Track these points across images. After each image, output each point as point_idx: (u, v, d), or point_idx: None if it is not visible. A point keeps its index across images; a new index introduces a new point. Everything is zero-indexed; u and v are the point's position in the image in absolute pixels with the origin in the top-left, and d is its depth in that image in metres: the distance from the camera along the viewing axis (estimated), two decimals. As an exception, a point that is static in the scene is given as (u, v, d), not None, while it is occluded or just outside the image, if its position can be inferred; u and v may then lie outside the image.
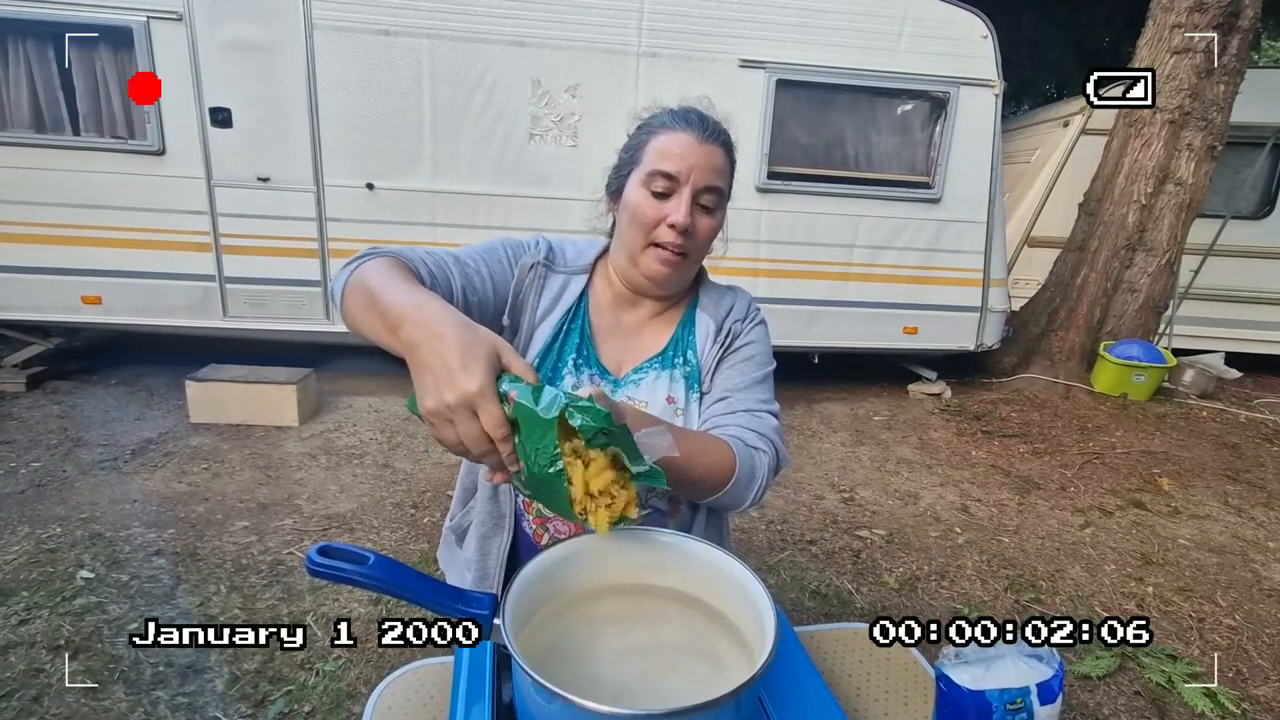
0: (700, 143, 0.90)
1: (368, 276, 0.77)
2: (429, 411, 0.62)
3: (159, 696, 1.70)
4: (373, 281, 0.75)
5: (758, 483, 0.87)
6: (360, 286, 0.76)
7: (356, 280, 0.78)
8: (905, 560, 2.62)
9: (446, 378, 0.61)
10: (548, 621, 0.70)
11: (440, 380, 0.61)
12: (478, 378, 0.60)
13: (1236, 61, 4.36)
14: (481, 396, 0.60)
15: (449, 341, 0.63)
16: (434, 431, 0.63)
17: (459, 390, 0.60)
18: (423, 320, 0.66)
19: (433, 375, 0.62)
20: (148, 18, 3.36)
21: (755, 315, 1.05)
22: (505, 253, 0.99)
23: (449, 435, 0.62)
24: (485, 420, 0.61)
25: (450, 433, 0.62)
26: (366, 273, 0.77)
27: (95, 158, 3.54)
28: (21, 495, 2.65)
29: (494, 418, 0.61)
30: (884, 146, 4.16)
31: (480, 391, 0.60)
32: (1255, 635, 2.26)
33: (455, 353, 0.61)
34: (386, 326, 0.70)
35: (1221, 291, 5.41)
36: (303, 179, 3.68)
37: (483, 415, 0.61)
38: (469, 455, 0.64)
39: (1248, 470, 3.65)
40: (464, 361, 0.61)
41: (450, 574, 1.16)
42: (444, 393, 0.61)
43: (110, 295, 3.70)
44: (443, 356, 0.62)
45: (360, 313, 0.75)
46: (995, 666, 0.68)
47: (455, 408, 0.61)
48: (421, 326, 0.65)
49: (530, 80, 3.70)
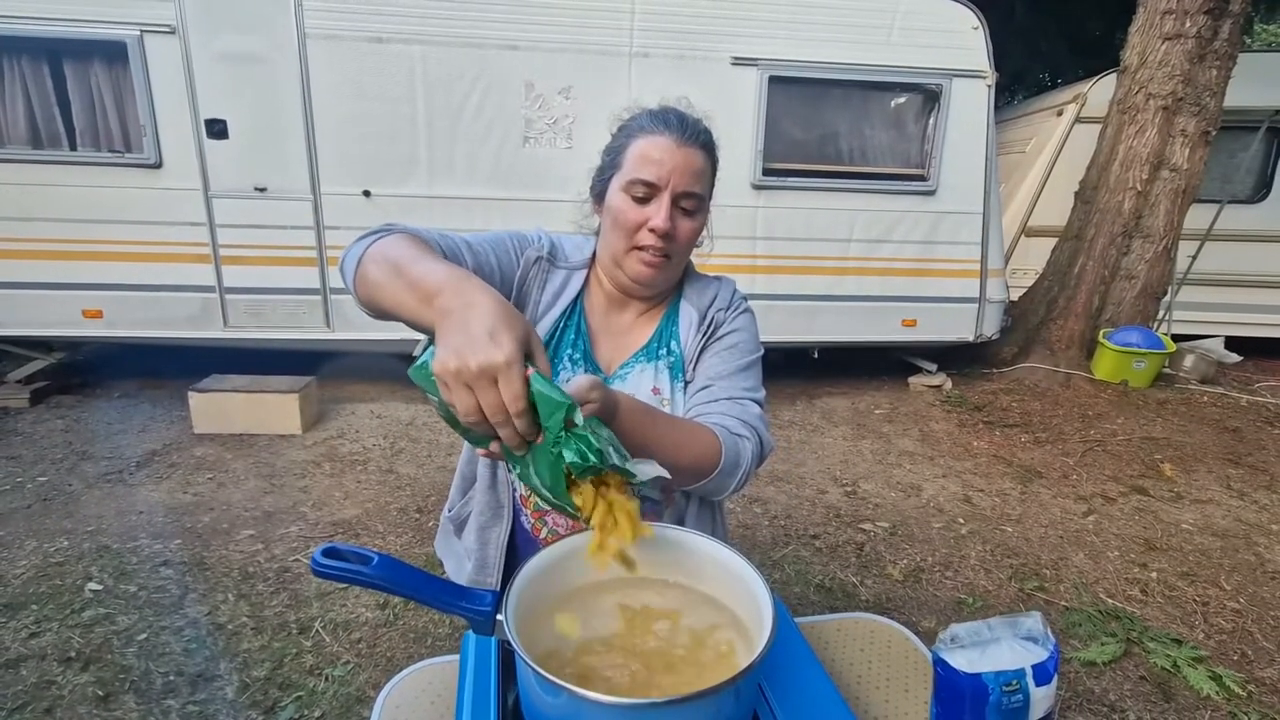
0: (679, 145, 0.91)
1: (392, 248, 0.77)
2: (449, 371, 0.61)
3: (170, 706, 1.72)
4: (400, 252, 0.76)
5: (741, 470, 0.88)
6: (384, 257, 0.77)
7: (379, 251, 0.78)
8: (909, 552, 2.63)
9: (477, 342, 0.60)
10: (551, 616, 0.71)
11: (470, 343, 0.61)
12: (507, 347, 0.60)
13: (1228, 46, 4.37)
14: (509, 366, 0.60)
15: (487, 310, 0.63)
16: (447, 395, 0.62)
17: (486, 355, 0.60)
18: (462, 290, 0.66)
19: (465, 337, 0.61)
20: (141, 31, 3.38)
21: (740, 304, 1.06)
22: (511, 244, 1.00)
23: (464, 401, 0.61)
24: (506, 390, 0.60)
25: (466, 398, 0.61)
26: (390, 244, 0.78)
27: (93, 172, 3.56)
28: (28, 510, 2.66)
29: (515, 389, 0.60)
30: (878, 140, 4.16)
31: (508, 361, 0.60)
32: (1259, 618, 2.26)
33: (490, 320, 0.62)
34: (419, 295, 0.70)
35: (1220, 276, 5.40)
36: (299, 188, 3.69)
37: (504, 385, 0.60)
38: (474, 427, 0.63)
39: (1249, 454, 3.66)
40: (497, 330, 0.61)
41: (448, 562, 1.17)
42: (470, 356, 0.60)
43: (111, 309, 3.72)
44: (479, 321, 0.62)
45: (384, 281, 0.75)
46: (991, 650, 0.69)
47: (479, 372, 0.60)
48: (460, 295, 0.66)
49: (524, 83, 3.71)
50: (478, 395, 0.61)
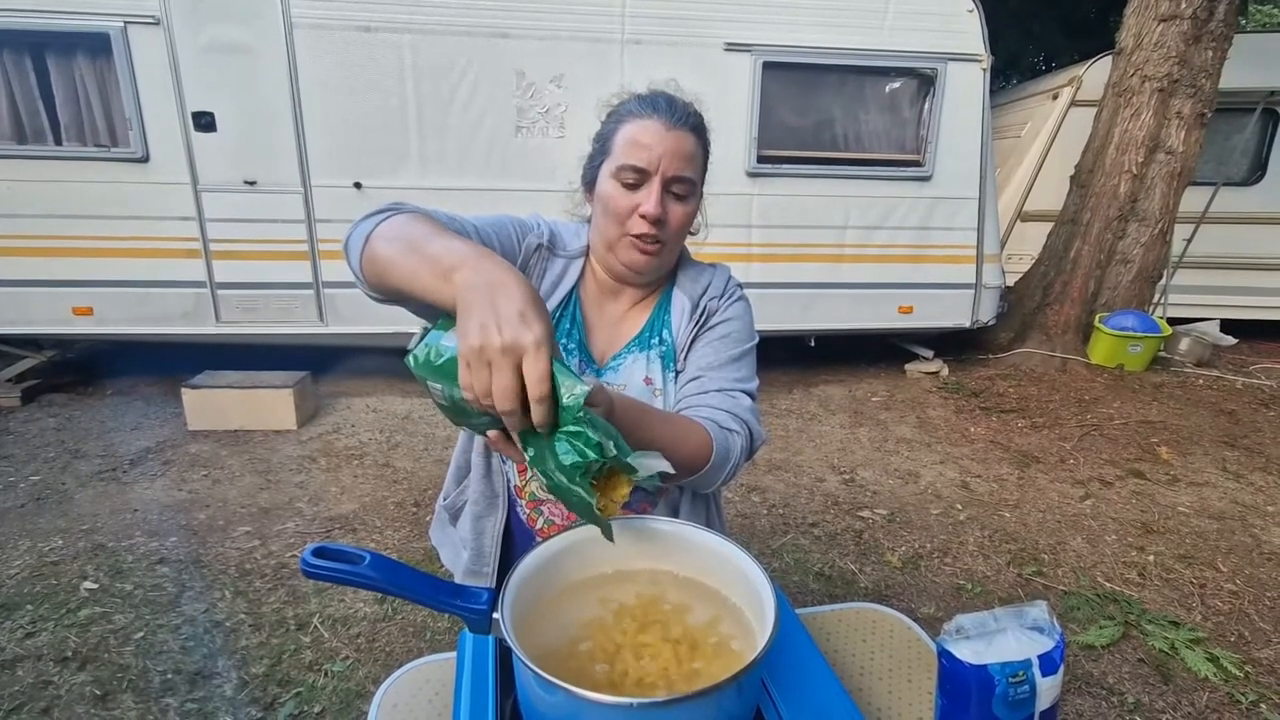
0: (668, 129, 0.89)
1: (406, 225, 0.75)
2: (471, 349, 0.58)
3: (169, 704, 1.71)
4: (415, 229, 0.73)
5: (730, 464, 0.88)
6: (397, 234, 0.74)
7: (390, 229, 0.75)
8: (908, 539, 2.63)
9: (507, 321, 0.58)
10: (548, 613, 0.70)
11: (500, 321, 0.58)
12: (537, 329, 0.58)
13: (1224, 27, 4.34)
14: (538, 347, 0.57)
15: (515, 289, 0.60)
16: (464, 375, 0.59)
17: (515, 334, 0.57)
18: (485, 267, 0.63)
19: (492, 314, 0.58)
20: (124, 23, 3.32)
21: (734, 292, 1.04)
22: (513, 230, 0.98)
23: (482, 381, 0.59)
24: (531, 372, 0.58)
25: (485, 378, 0.58)
26: (403, 222, 0.76)
27: (79, 167, 3.51)
28: (21, 509, 2.64)
29: (542, 370, 0.58)
30: (873, 126, 4.13)
31: (538, 341, 0.57)
32: (1256, 599, 2.27)
33: (520, 300, 0.59)
34: (437, 271, 0.66)
35: (1215, 259, 5.41)
36: (289, 181, 3.65)
37: (529, 367, 0.58)
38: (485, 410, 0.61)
39: (1245, 436, 3.67)
40: (525, 310, 0.59)
41: (444, 551, 1.17)
42: (494, 334, 0.57)
43: (101, 305, 3.68)
44: (509, 302, 0.59)
45: (397, 258, 0.72)
46: (996, 640, 0.68)
47: (504, 351, 0.57)
48: (483, 273, 0.63)
49: (515, 72, 3.66)
50: (495, 375, 0.58)
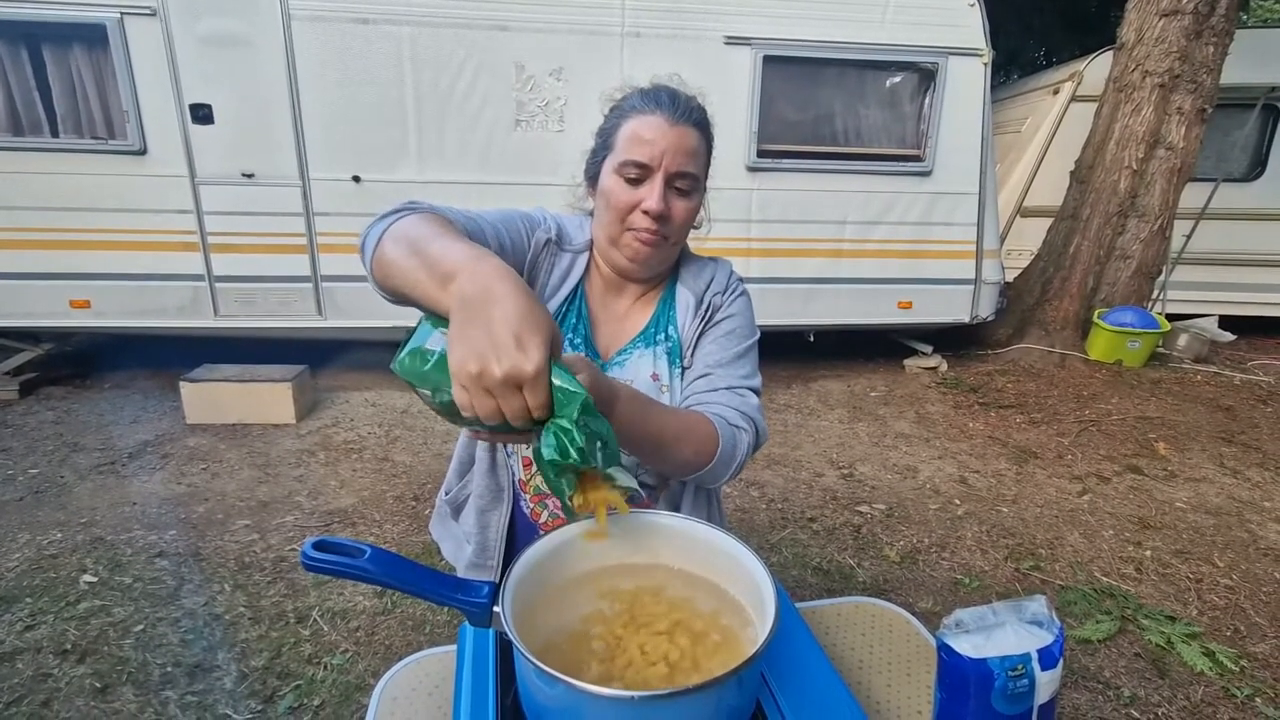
0: (671, 124, 0.89)
1: (413, 226, 0.73)
2: (469, 375, 0.56)
3: (168, 696, 1.71)
4: (420, 230, 0.71)
5: (737, 461, 0.88)
6: (403, 235, 0.72)
7: (399, 229, 0.74)
8: (906, 533, 2.64)
9: (503, 348, 0.56)
10: (549, 606, 0.70)
11: (495, 348, 0.56)
12: (535, 357, 0.56)
13: (1225, 22, 4.33)
14: (537, 379, 0.56)
15: (511, 308, 0.57)
16: (460, 397, 0.58)
17: (513, 364, 0.55)
18: (481, 274, 0.60)
19: (488, 340, 0.56)
20: (121, 14, 3.30)
21: (736, 287, 1.04)
22: (522, 224, 0.97)
23: (485, 406, 0.57)
24: (532, 399, 0.57)
25: (488, 404, 0.57)
26: (411, 222, 0.74)
27: (76, 159, 3.50)
28: (20, 502, 2.64)
29: (542, 399, 0.57)
30: (874, 120, 4.12)
31: (537, 372, 0.56)
32: (1252, 594, 2.28)
33: (516, 323, 0.57)
34: (435, 276, 0.64)
35: (1214, 255, 5.41)
36: (288, 174, 3.64)
37: (531, 396, 0.57)
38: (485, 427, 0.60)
39: (1242, 432, 3.68)
40: (523, 335, 0.56)
41: (445, 545, 1.17)
42: (493, 364, 0.55)
43: (99, 298, 3.67)
44: (503, 322, 0.57)
45: (401, 261, 0.70)
46: (996, 634, 0.68)
47: (504, 380, 0.56)
48: (478, 280, 0.60)
49: (514, 65, 3.65)
50: (499, 401, 0.57)
